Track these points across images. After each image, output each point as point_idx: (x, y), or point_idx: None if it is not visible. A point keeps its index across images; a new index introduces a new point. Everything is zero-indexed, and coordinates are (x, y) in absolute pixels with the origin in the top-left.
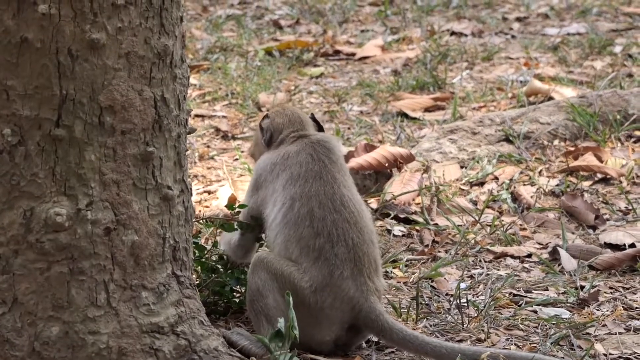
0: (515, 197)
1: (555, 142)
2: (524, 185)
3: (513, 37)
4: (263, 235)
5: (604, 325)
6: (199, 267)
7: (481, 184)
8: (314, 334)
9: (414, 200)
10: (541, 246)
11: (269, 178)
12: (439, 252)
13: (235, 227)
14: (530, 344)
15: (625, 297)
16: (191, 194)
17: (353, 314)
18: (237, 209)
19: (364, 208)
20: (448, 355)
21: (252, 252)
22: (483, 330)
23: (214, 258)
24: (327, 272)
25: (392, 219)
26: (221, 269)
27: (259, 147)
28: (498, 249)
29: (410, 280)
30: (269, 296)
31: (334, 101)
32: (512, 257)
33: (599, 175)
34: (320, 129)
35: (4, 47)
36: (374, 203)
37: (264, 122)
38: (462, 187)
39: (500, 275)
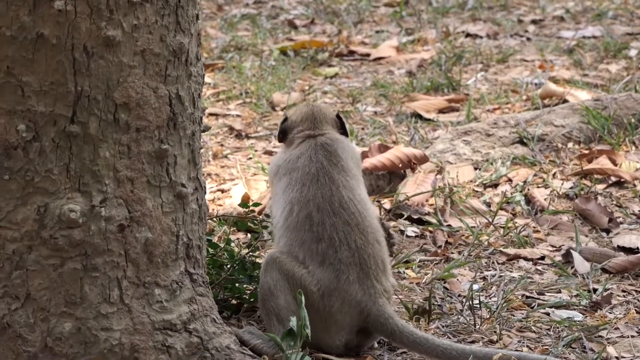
0: (529, 200)
1: (570, 144)
2: (538, 187)
3: (528, 39)
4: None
5: (617, 328)
6: (212, 265)
7: (495, 185)
8: (323, 338)
9: (427, 201)
10: (554, 249)
11: (274, 180)
12: (452, 253)
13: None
14: (542, 346)
15: (638, 300)
16: (205, 192)
17: (362, 317)
18: (250, 208)
19: (368, 207)
20: (458, 357)
21: None
22: (495, 332)
23: (226, 256)
24: (333, 277)
25: (405, 219)
26: (234, 267)
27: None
28: (511, 250)
29: (423, 281)
30: (280, 296)
31: (348, 101)
32: (525, 259)
33: (613, 179)
34: (342, 127)
35: (20, 43)
36: (387, 203)
37: (281, 122)
38: (476, 188)
39: (513, 277)
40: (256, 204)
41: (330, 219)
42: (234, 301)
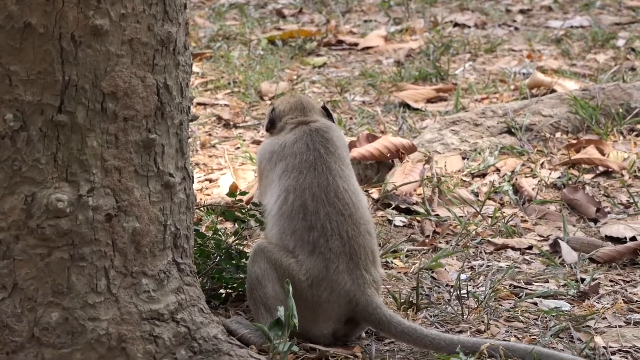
0: (517, 189)
1: (557, 134)
2: (526, 177)
3: (516, 29)
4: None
5: (604, 318)
6: (199, 255)
7: (483, 175)
8: (311, 327)
9: (415, 190)
10: (542, 238)
11: (267, 167)
12: (440, 243)
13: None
14: (530, 335)
15: (626, 290)
16: (193, 182)
17: (350, 307)
18: (238, 197)
19: (361, 199)
20: (447, 346)
21: None
22: (483, 322)
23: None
24: (322, 266)
25: (393, 209)
26: (222, 256)
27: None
28: (499, 240)
29: (411, 270)
30: (267, 286)
31: (337, 91)
32: (513, 249)
33: (601, 168)
34: (329, 118)
35: (7, 32)
36: (375, 193)
37: (268, 109)
38: (464, 178)
39: (501, 267)
40: (243, 193)
41: (324, 208)
42: (221, 291)
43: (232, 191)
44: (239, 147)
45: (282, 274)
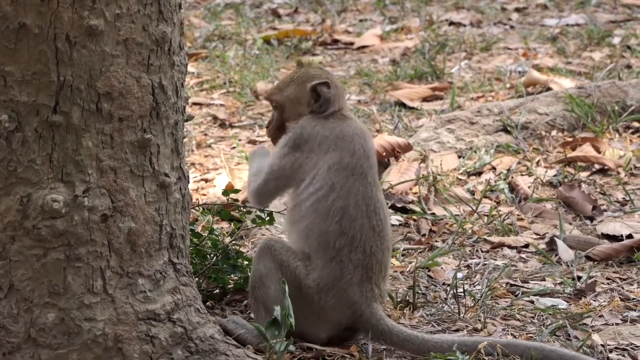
0: (513, 188)
1: (553, 132)
2: (522, 175)
3: (512, 27)
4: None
5: (601, 316)
6: (195, 254)
7: (479, 173)
8: (309, 329)
9: (411, 189)
10: (538, 236)
11: (315, 148)
12: (436, 241)
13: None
14: (526, 334)
15: (622, 288)
16: (188, 182)
17: (353, 317)
18: (232, 196)
19: (388, 212)
20: (449, 348)
21: (272, 200)
22: (480, 320)
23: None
24: (337, 275)
25: (389, 208)
26: (218, 256)
27: (297, 108)
28: (495, 239)
29: (407, 269)
30: (270, 286)
31: None
32: (509, 247)
33: (597, 166)
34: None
35: (2, 33)
36: None
37: (322, 89)
38: (460, 176)
39: (497, 265)
40: (235, 191)
41: (362, 219)
42: (217, 290)
43: (227, 190)
44: (234, 147)
45: (287, 276)
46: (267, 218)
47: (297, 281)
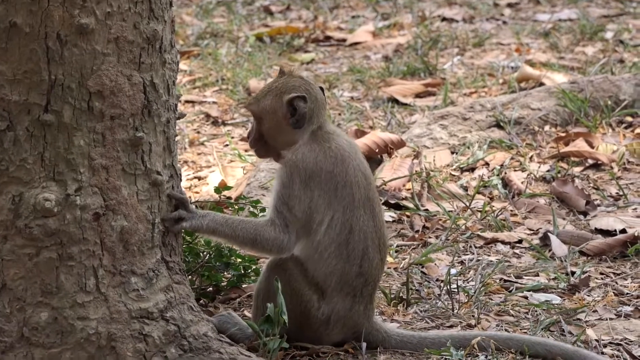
0: (506, 183)
1: (546, 127)
2: (515, 171)
3: (504, 23)
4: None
5: (595, 311)
6: (188, 253)
7: (472, 169)
8: (308, 340)
9: (404, 186)
10: (532, 232)
11: (324, 186)
12: (430, 237)
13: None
14: (520, 329)
15: (616, 282)
16: (181, 180)
17: (355, 335)
18: (225, 193)
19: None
20: (445, 343)
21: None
22: (473, 316)
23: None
24: (348, 307)
25: (382, 204)
26: (211, 254)
27: (274, 120)
28: (489, 234)
29: (401, 265)
30: (276, 301)
31: (325, 87)
32: (503, 242)
33: (590, 161)
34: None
35: None
36: None
37: (299, 103)
38: (453, 172)
39: (491, 261)
40: (228, 188)
41: (377, 255)
42: (211, 288)
43: (220, 188)
44: (227, 145)
45: (297, 305)
46: (260, 215)
47: (306, 312)
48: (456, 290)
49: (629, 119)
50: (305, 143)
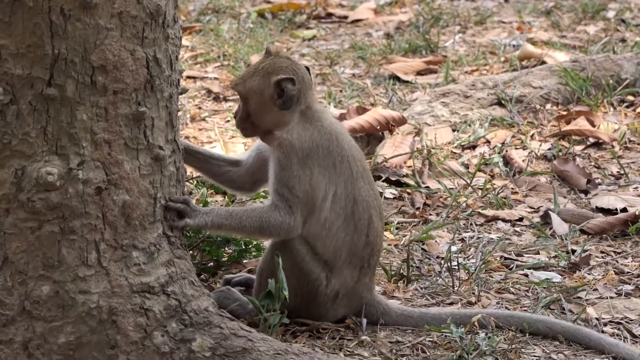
0: (507, 161)
1: (548, 106)
2: (516, 149)
3: (506, 1)
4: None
5: (595, 290)
6: None
7: (473, 147)
8: (310, 316)
9: (405, 163)
10: (532, 210)
11: (322, 163)
12: (430, 215)
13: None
14: (521, 307)
15: (617, 261)
16: (182, 155)
17: (358, 308)
18: None
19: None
20: (446, 319)
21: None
22: (474, 293)
23: None
24: (356, 279)
25: (383, 181)
26: None
27: (260, 101)
28: (489, 212)
29: (402, 242)
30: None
31: (326, 64)
32: (504, 220)
33: (591, 140)
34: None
35: None
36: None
37: (287, 85)
38: (454, 150)
39: (492, 239)
40: None
41: (379, 222)
42: (212, 264)
43: None
44: (229, 120)
45: (305, 284)
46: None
47: (314, 290)
48: (457, 267)
49: (631, 97)
50: (297, 123)
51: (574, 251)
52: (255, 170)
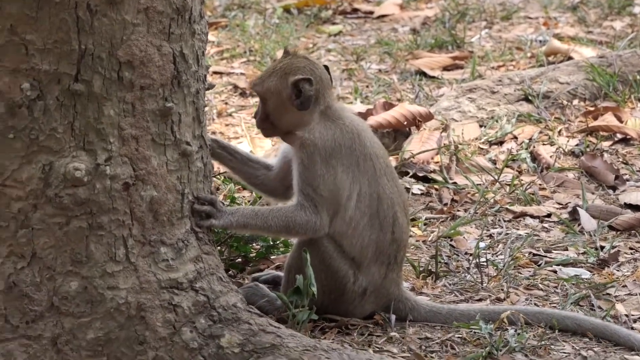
0: (535, 157)
1: (575, 102)
2: (544, 144)
3: None
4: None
5: (624, 286)
6: None
7: (500, 143)
8: (339, 313)
9: (432, 159)
10: (561, 206)
11: (345, 162)
12: (458, 211)
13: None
14: (550, 303)
15: None
16: (210, 150)
17: (386, 304)
18: None
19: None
20: (475, 316)
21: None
22: (502, 290)
23: None
24: (383, 276)
25: (410, 177)
26: None
27: (278, 101)
28: (517, 208)
29: (429, 239)
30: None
31: (352, 59)
32: (532, 216)
33: (619, 136)
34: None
35: (24, 1)
36: (392, 161)
37: (304, 85)
38: (481, 146)
39: (520, 235)
40: None
41: (404, 218)
42: (239, 259)
43: None
44: (255, 116)
45: (332, 281)
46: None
47: (342, 287)
48: (485, 263)
49: None
50: (318, 122)
51: (602, 247)
52: (284, 176)
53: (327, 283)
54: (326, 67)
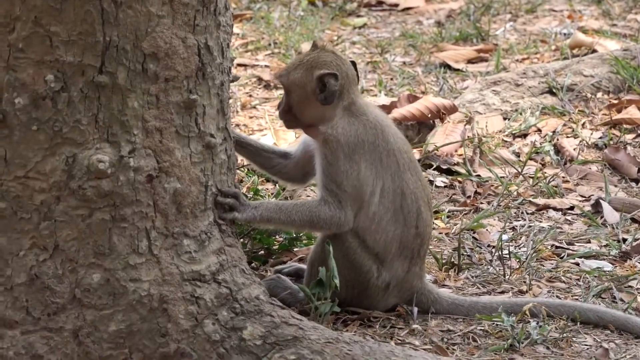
0: (558, 150)
1: (599, 94)
2: (567, 137)
3: None
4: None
5: None
6: None
7: (524, 135)
8: (362, 306)
9: (456, 151)
10: (583, 199)
11: (368, 157)
12: (481, 203)
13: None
14: (572, 296)
15: None
16: (234, 143)
17: (409, 297)
18: None
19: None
20: (497, 308)
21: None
22: (525, 282)
23: None
24: (406, 269)
25: (434, 169)
26: None
27: (302, 94)
28: (540, 201)
29: (452, 231)
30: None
31: (377, 52)
32: (555, 209)
33: None
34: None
35: None
36: (416, 154)
37: (330, 80)
38: (505, 138)
39: (543, 227)
40: None
41: (427, 212)
42: (262, 252)
43: None
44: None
45: (356, 276)
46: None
47: (365, 282)
48: (508, 256)
49: None
50: (341, 118)
51: (625, 240)
52: (304, 163)
53: (351, 278)
54: (353, 63)
